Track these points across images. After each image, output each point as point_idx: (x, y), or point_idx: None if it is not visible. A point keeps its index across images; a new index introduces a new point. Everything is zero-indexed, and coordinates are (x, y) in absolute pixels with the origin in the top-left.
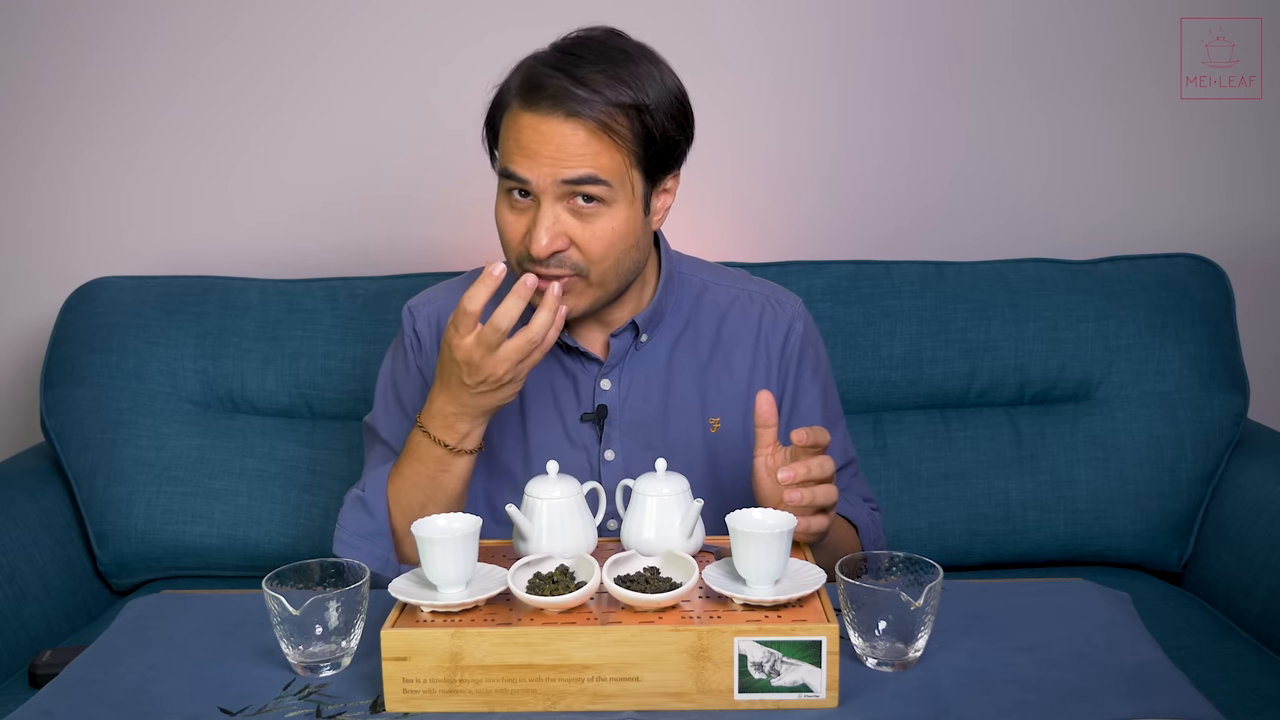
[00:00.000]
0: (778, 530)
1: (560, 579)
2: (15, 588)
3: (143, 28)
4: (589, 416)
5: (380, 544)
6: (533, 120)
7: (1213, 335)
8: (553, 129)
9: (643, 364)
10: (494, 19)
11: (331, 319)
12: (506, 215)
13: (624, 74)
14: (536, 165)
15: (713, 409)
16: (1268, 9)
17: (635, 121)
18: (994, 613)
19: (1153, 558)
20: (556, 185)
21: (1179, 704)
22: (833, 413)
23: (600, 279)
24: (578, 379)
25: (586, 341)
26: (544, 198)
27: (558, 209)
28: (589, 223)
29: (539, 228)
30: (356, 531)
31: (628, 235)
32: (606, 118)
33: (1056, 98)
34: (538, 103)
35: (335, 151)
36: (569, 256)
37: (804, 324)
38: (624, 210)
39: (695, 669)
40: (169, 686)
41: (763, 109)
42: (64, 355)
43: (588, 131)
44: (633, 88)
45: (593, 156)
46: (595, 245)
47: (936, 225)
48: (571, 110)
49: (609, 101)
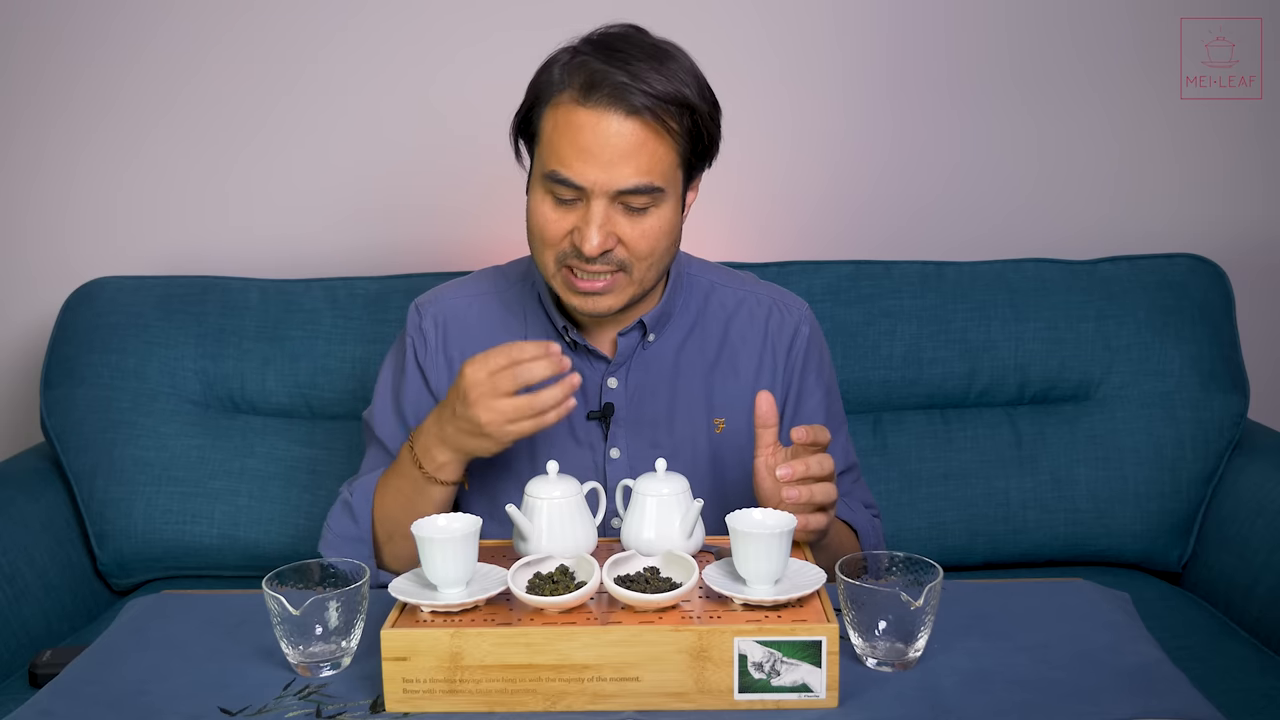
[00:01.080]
0: (778, 530)
1: (560, 579)
2: (15, 588)
3: (142, 28)
4: (595, 415)
5: (361, 550)
6: (590, 118)
7: (1213, 335)
8: (611, 126)
9: (650, 363)
10: (494, 20)
11: (331, 319)
12: (548, 213)
13: (670, 71)
14: (591, 170)
15: (718, 410)
16: (1268, 9)
17: (686, 119)
18: (994, 613)
19: (1153, 558)
20: (611, 194)
21: (1179, 704)
22: (836, 417)
23: (641, 276)
24: (585, 377)
25: (595, 340)
26: (595, 199)
27: (610, 209)
28: (638, 222)
29: (590, 227)
30: (341, 535)
31: (671, 232)
32: (664, 114)
33: (1057, 98)
34: (596, 99)
35: (335, 151)
36: (615, 254)
37: (810, 327)
38: (670, 208)
39: (695, 669)
40: (169, 686)
41: (766, 110)
42: (64, 355)
43: (646, 130)
44: (682, 84)
45: (648, 158)
46: (642, 243)
47: (937, 225)
48: (631, 108)
49: (665, 98)
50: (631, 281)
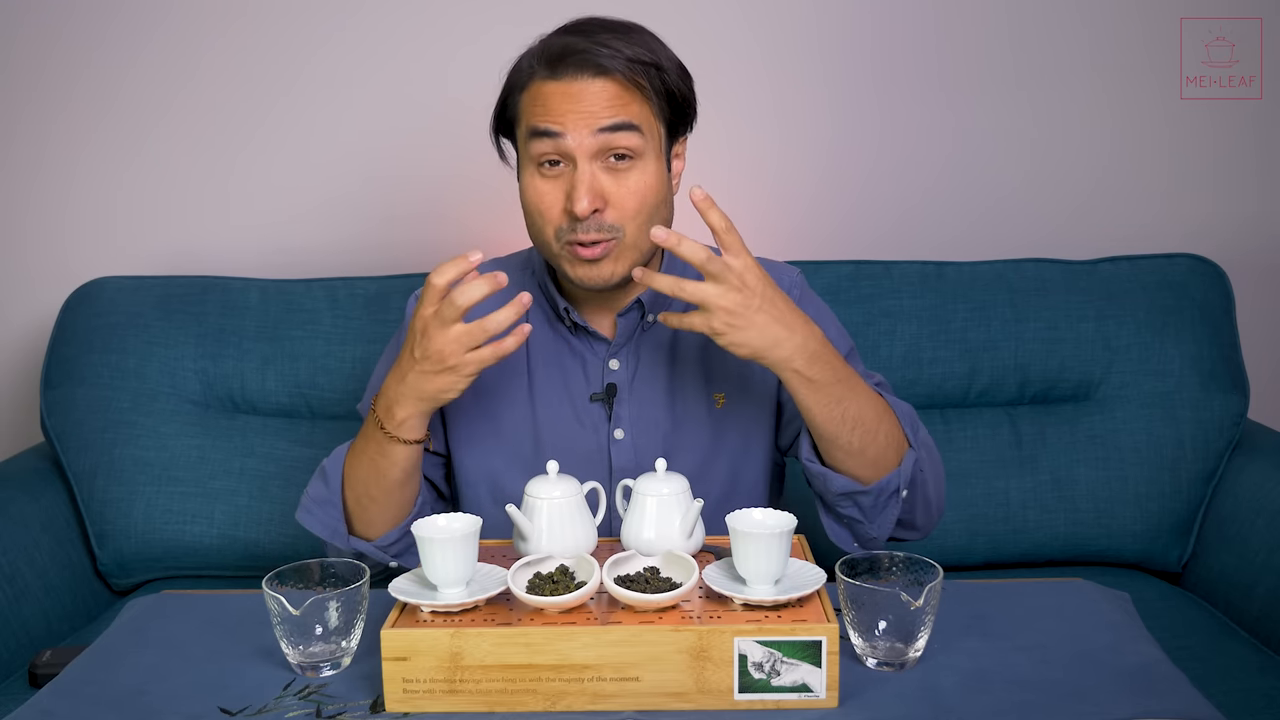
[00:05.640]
0: (778, 530)
1: (560, 579)
2: (15, 588)
3: (142, 28)
4: (598, 396)
5: (330, 513)
6: (560, 87)
7: (1213, 335)
8: (582, 88)
9: (649, 343)
10: (493, 19)
11: (331, 319)
12: (539, 186)
13: (634, 39)
14: (569, 117)
15: (717, 385)
16: (1268, 9)
17: (655, 78)
18: (994, 613)
19: (1153, 558)
20: (593, 136)
21: (1179, 704)
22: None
23: (635, 239)
24: (585, 359)
25: (595, 322)
26: (580, 158)
27: (594, 167)
28: (623, 179)
29: (579, 188)
30: (313, 498)
31: (658, 190)
32: (632, 72)
33: (1057, 98)
34: (564, 69)
35: (336, 151)
36: (605, 218)
37: (800, 290)
38: (653, 164)
39: (695, 669)
40: (169, 686)
41: (760, 109)
42: (64, 355)
43: (617, 85)
44: (647, 49)
45: (623, 106)
46: (630, 201)
47: (935, 224)
48: (600, 68)
49: (631, 59)
50: (626, 246)
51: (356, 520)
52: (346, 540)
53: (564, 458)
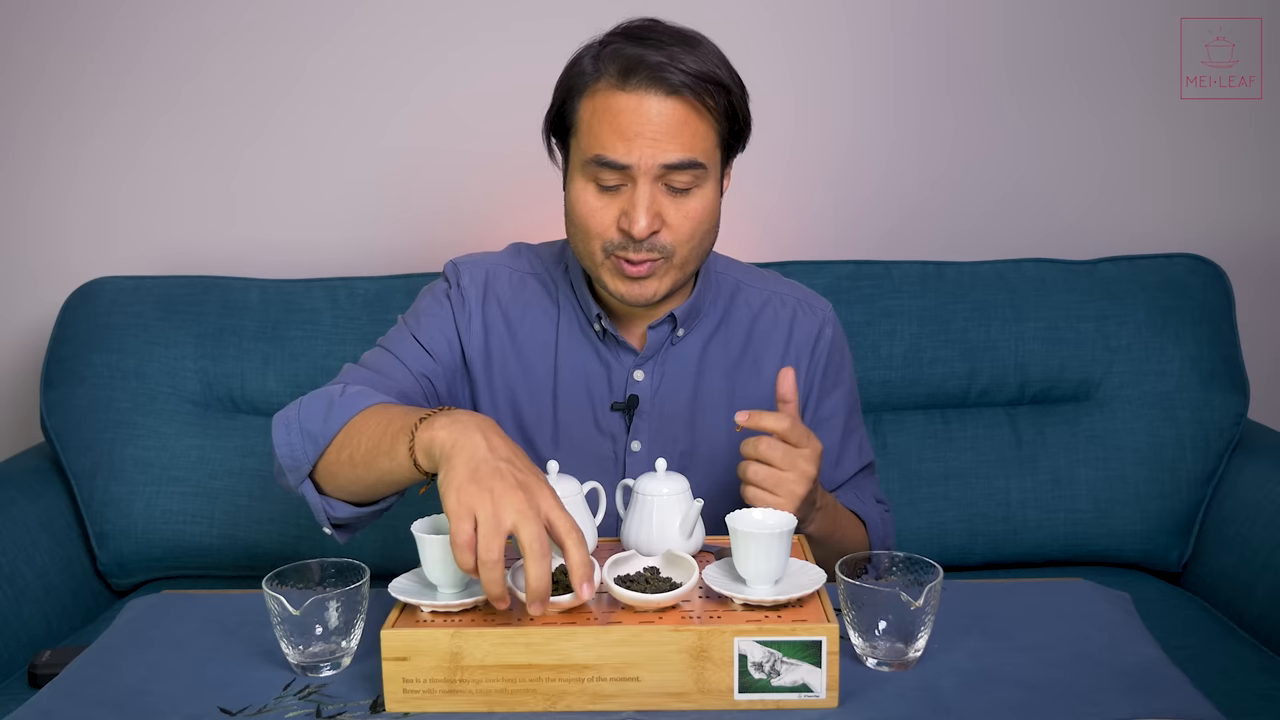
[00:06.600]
0: (778, 530)
1: (561, 579)
2: (15, 588)
3: (143, 27)
4: (619, 406)
5: (308, 448)
6: (631, 100)
7: (1213, 335)
8: (652, 107)
9: (677, 359)
10: (493, 20)
11: (331, 319)
12: (592, 202)
13: (701, 53)
14: (635, 148)
15: (739, 408)
16: (1268, 9)
17: (723, 99)
18: (994, 613)
19: (1153, 558)
20: (656, 168)
21: (1179, 704)
22: (854, 417)
23: (683, 260)
24: (611, 368)
25: (625, 332)
26: (641, 179)
27: (654, 189)
28: (681, 203)
29: (637, 209)
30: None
31: (712, 215)
32: (702, 92)
33: (1058, 98)
34: (635, 81)
35: (335, 152)
36: (660, 239)
37: (833, 329)
38: (711, 190)
39: (695, 669)
40: (169, 686)
41: (770, 110)
42: (64, 355)
43: (688, 108)
44: (715, 65)
45: (690, 136)
46: (686, 225)
47: (938, 225)
48: (671, 87)
49: (702, 77)
50: (673, 267)
51: (323, 468)
52: (301, 479)
53: (579, 462)
